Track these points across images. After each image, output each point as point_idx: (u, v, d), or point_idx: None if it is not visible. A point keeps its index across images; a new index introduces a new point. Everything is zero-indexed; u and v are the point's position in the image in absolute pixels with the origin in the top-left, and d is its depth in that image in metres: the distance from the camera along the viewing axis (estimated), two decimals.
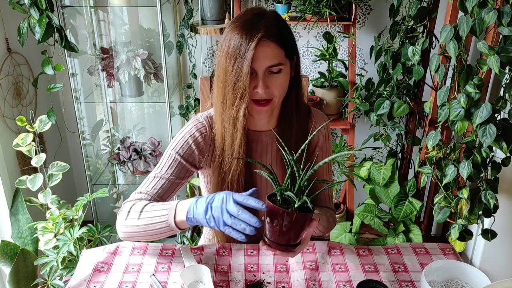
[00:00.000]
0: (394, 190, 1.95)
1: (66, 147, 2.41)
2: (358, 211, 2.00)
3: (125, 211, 1.10)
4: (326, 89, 2.07)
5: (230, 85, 1.05)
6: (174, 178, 1.15)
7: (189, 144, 1.16)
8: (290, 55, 1.09)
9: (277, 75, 1.06)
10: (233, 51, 1.03)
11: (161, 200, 1.14)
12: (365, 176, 2.00)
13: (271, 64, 1.04)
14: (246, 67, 1.01)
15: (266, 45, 1.03)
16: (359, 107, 1.97)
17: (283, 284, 1.06)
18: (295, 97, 1.16)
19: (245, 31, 1.03)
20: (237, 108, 1.06)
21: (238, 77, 1.02)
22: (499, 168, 1.45)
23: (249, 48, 1.01)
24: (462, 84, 1.39)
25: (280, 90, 1.09)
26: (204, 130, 1.17)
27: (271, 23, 1.05)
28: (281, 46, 1.05)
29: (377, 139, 1.99)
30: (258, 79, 1.05)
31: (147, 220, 1.05)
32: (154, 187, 1.14)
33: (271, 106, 1.10)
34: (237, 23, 1.05)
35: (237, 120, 1.07)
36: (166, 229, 1.03)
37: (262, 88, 1.05)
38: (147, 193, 1.13)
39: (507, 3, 1.27)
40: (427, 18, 1.73)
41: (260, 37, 1.01)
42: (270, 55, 1.03)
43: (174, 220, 1.01)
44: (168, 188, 1.14)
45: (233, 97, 1.05)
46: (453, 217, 1.59)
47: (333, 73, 2.07)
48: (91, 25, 2.09)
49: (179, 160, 1.15)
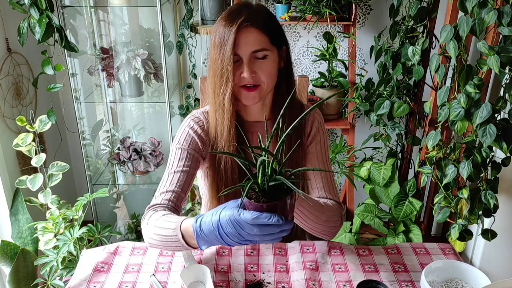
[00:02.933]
0: (394, 190, 1.95)
1: (66, 147, 2.41)
2: (358, 211, 2.00)
3: (146, 220, 1.07)
4: (326, 89, 2.07)
5: (217, 73, 1.08)
6: (188, 169, 1.16)
7: (191, 136, 1.18)
8: (276, 43, 1.11)
9: (263, 60, 1.08)
10: (218, 40, 1.07)
11: (183, 193, 1.13)
12: (365, 176, 2.00)
13: (254, 49, 1.06)
14: (228, 51, 1.04)
15: (248, 31, 1.06)
16: (359, 107, 1.97)
17: (283, 284, 1.06)
18: (286, 88, 1.17)
19: (228, 19, 1.07)
20: (223, 93, 1.09)
21: (223, 63, 1.06)
22: (499, 168, 1.45)
23: (231, 33, 1.04)
24: (462, 84, 1.39)
25: (267, 76, 1.10)
26: (201, 123, 1.20)
27: (255, 11, 1.08)
28: (265, 32, 1.07)
29: (377, 139, 1.99)
30: (243, 64, 1.07)
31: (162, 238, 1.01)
32: (172, 183, 1.13)
33: (258, 92, 1.11)
34: (223, 14, 1.10)
35: (224, 106, 1.10)
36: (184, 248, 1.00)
37: (247, 73, 1.07)
38: (167, 191, 1.12)
39: (507, 3, 1.27)
40: (427, 18, 1.73)
41: (240, 22, 1.04)
42: (252, 40, 1.06)
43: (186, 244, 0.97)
44: (185, 179, 1.14)
45: (220, 83, 1.09)
46: (453, 217, 1.59)
47: (333, 73, 2.07)
48: (91, 25, 2.09)
49: (186, 151, 1.17)
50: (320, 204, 1.09)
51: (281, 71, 1.15)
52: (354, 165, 2.07)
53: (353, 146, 2.08)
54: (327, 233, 1.14)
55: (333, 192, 1.22)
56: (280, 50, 1.13)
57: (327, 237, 1.17)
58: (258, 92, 1.11)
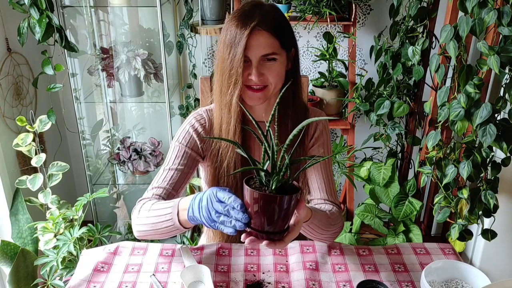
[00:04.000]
0: (394, 190, 1.95)
1: (66, 147, 2.41)
2: (358, 211, 2.00)
3: (137, 210, 1.12)
4: (326, 89, 2.07)
5: (226, 73, 1.09)
6: (183, 168, 1.17)
7: (190, 134, 1.19)
8: (286, 46, 1.11)
9: (272, 62, 1.09)
10: (229, 40, 1.07)
11: (174, 191, 1.15)
12: (365, 176, 2.00)
13: (265, 53, 1.07)
14: (239, 53, 1.05)
15: (260, 34, 1.06)
16: (359, 107, 1.97)
17: (283, 284, 1.06)
18: (292, 90, 1.17)
19: (241, 20, 1.07)
20: (231, 94, 1.09)
21: (232, 64, 1.06)
22: (499, 168, 1.45)
23: (243, 36, 1.05)
24: (462, 84, 1.39)
25: (275, 77, 1.11)
26: (204, 121, 1.21)
27: (267, 13, 1.08)
28: (276, 36, 1.07)
29: (377, 139, 1.99)
30: (252, 66, 1.08)
31: (154, 219, 1.06)
32: (164, 180, 1.15)
33: (264, 93, 1.12)
34: (235, 14, 1.10)
35: (231, 106, 1.11)
36: (172, 228, 1.04)
37: (255, 76, 1.08)
38: (159, 186, 1.14)
39: (507, 3, 1.27)
40: (427, 18, 1.73)
41: (253, 25, 1.05)
42: (263, 44, 1.06)
43: (178, 220, 1.02)
44: (178, 178, 1.16)
45: (228, 83, 1.09)
46: (453, 217, 1.59)
47: (333, 73, 2.07)
48: (91, 25, 2.09)
49: (184, 149, 1.18)
50: (327, 215, 1.13)
51: (288, 73, 1.15)
52: (354, 165, 2.07)
53: (353, 146, 2.08)
54: (330, 239, 1.18)
55: (333, 195, 1.25)
56: (289, 53, 1.14)
57: (329, 242, 1.20)
58: (264, 93, 1.12)
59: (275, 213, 0.84)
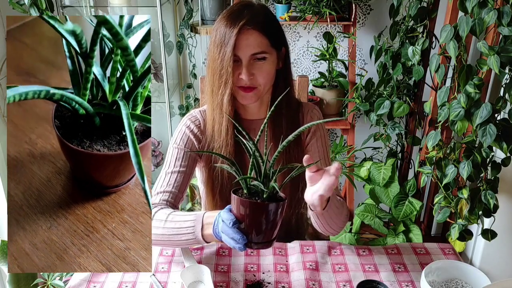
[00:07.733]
0: (394, 190, 1.95)
1: None
2: (358, 211, 2.00)
3: None
4: (326, 89, 2.07)
5: (216, 73, 1.09)
6: (185, 169, 1.17)
7: (187, 135, 1.20)
8: (276, 45, 1.11)
9: (262, 62, 1.09)
10: (219, 40, 1.08)
11: (180, 193, 1.15)
12: (365, 176, 2.00)
13: (254, 51, 1.07)
14: (229, 53, 1.05)
15: (249, 33, 1.06)
16: (359, 107, 1.97)
17: (283, 284, 1.06)
18: (284, 88, 1.17)
19: (230, 20, 1.07)
20: (222, 94, 1.10)
21: (223, 63, 1.07)
22: (499, 168, 1.45)
23: (232, 35, 1.05)
24: (462, 84, 1.39)
25: (266, 78, 1.11)
26: (198, 122, 1.22)
27: (256, 12, 1.08)
28: (265, 35, 1.07)
29: (377, 139, 1.99)
30: (242, 66, 1.08)
31: (172, 231, 1.04)
32: (169, 183, 1.15)
33: (255, 93, 1.12)
34: (225, 14, 1.10)
35: (222, 106, 1.11)
36: (192, 241, 1.03)
37: (246, 75, 1.08)
38: (165, 191, 1.13)
39: (507, 3, 1.27)
40: (427, 18, 1.72)
41: (242, 24, 1.05)
42: (253, 43, 1.06)
43: (201, 233, 1.01)
44: (182, 180, 1.16)
45: (218, 83, 1.09)
46: (453, 217, 1.59)
47: (333, 73, 2.07)
48: None
49: (183, 151, 1.18)
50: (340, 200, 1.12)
51: (279, 71, 1.16)
52: (354, 165, 2.07)
53: (353, 146, 2.09)
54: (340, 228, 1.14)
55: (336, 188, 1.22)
56: (279, 52, 1.14)
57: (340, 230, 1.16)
58: (255, 93, 1.12)
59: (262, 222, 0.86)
